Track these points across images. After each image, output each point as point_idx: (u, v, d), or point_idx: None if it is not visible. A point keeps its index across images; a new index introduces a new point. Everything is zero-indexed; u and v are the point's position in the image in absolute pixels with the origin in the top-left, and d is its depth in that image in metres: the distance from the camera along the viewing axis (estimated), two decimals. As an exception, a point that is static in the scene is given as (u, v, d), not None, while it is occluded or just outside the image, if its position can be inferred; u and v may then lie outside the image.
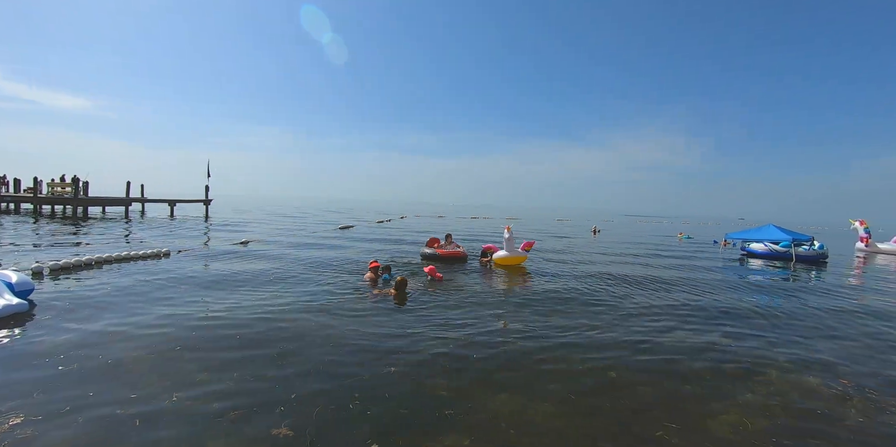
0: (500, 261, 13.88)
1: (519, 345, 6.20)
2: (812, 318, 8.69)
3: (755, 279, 14.33)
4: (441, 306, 8.32)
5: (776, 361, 5.96)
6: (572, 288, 10.92)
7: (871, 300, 11.02)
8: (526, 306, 8.87)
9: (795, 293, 11.69)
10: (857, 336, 7.48)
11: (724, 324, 7.94)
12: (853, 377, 5.44)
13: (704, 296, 10.70)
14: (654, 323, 7.86)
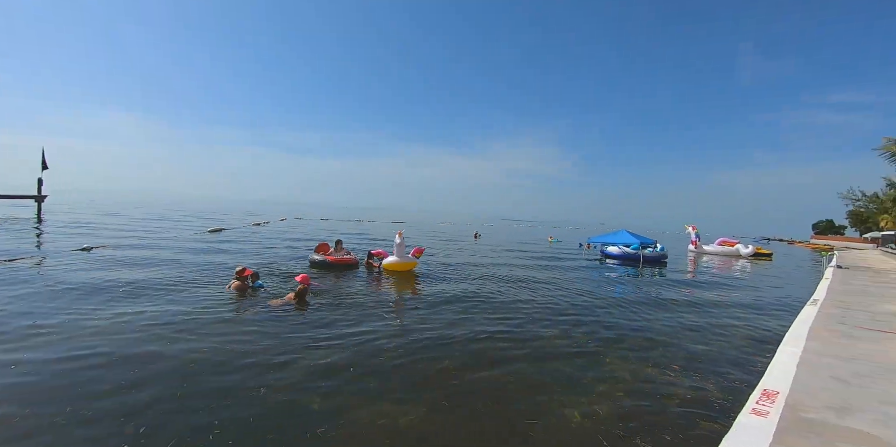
0: (389, 267, 13.65)
1: (398, 352, 6.21)
2: (653, 308, 10.15)
3: (610, 276, 16.37)
4: (318, 317, 7.94)
5: (623, 349, 6.82)
6: (456, 291, 11.25)
7: (699, 292, 13.25)
8: (410, 311, 8.88)
9: (642, 287, 13.59)
10: (689, 323, 8.88)
11: (582, 318, 8.77)
12: (685, 361, 6.45)
13: (567, 291, 11.83)
14: (520, 318, 8.44)
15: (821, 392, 3.39)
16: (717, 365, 6.32)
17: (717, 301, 11.92)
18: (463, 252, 23.01)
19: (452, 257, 19.66)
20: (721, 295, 13.13)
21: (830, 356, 4.42)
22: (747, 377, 5.59)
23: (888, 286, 11.88)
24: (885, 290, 10.88)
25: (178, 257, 14.33)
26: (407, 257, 13.88)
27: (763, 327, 8.84)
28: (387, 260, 13.79)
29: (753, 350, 7.17)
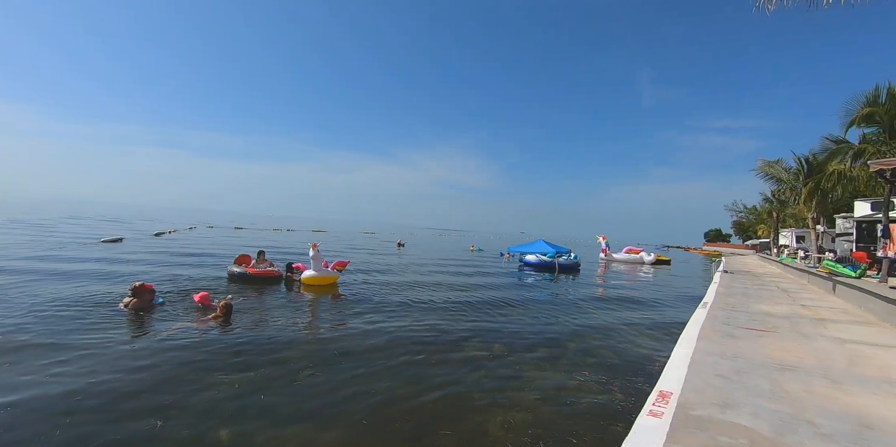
0: (308, 282, 12.92)
1: (315, 369, 5.95)
2: (567, 313, 10.69)
3: (529, 284, 17.07)
4: (234, 338, 7.44)
5: (538, 355, 7.08)
6: (377, 302, 11.04)
7: (608, 297, 14.17)
8: (329, 326, 8.55)
9: (557, 294, 14.30)
10: (599, 326, 9.46)
11: (500, 326, 9.02)
12: (594, 365, 6.82)
13: (487, 300, 12.14)
14: (440, 328, 8.47)
15: (707, 389, 3.71)
16: (623, 367, 6.74)
17: (625, 305, 12.83)
18: (386, 261, 22.78)
19: (375, 266, 19.39)
20: (628, 299, 14.13)
21: (716, 355, 4.88)
22: (648, 378, 6.01)
23: (763, 288, 13.45)
24: (761, 292, 12.29)
25: (67, 270, 12.75)
26: (326, 271, 13.29)
27: (663, 329, 9.63)
28: (305, 274, 13.15)
29: (654, 351, 7.76)
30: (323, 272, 13.16)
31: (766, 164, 26.27)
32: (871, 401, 3.74)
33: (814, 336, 6.40)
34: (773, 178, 26.51)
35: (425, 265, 21.73)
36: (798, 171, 24.40)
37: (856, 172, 17.57)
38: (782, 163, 26.11)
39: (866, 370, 4.72)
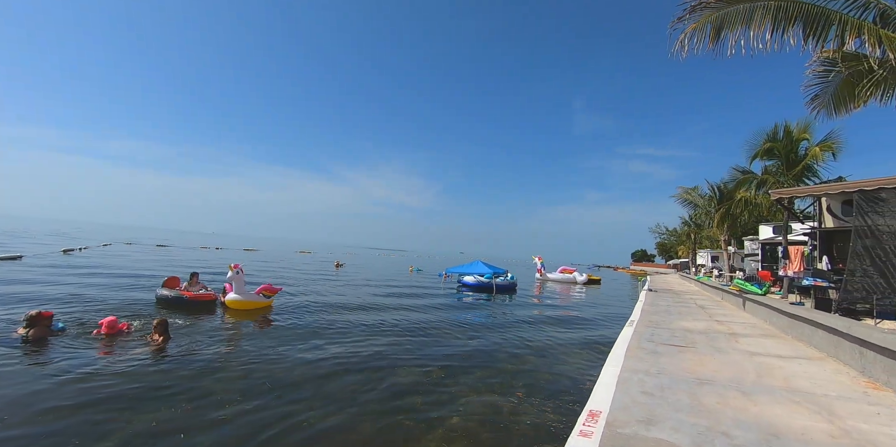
0: (232, 306, 12.12)
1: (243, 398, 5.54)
2: (503, 333, 10.78)
3: (466, 305, 17.16)
4: (147, 369, 6.77)
5: (475, 378, 7.05)
6: (313, 325, 10.58)
7: (543, 317, 14.49)
8: (257, 351, 8.05)
9: (494, 314, 14.44)
10: (534, 346, 9.60)
11: (438, 349, 8.92)
12: (527, 386, 6.89)
13: (424, 322, 11.98)
14: (376, 352, 8.24)
15: (633, 407, 3.84)
16: (556, 387, 6.85)
17: (558, 324, 13.18)
18: (323, 283, 22.02)
19: (312, 289, 18.67)
20: (561, 319, 14.55)
21: (642, 372, 5.09)
22: (580, 397, 6.14)
23: (683, 305, 14.38)
24: (681, 309, 13.12)
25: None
26: (251, 295, 12.44)
27: (594, 347, 9.96)
28: (229, 296, 12.26)
29: (586, 369, 7.98)
30: (248, 296, 12.34)
31: (684, 190, 28.79)
32: (778, 410, 4.04)
33: (727, 350, 6.88)
34: (690, 204, 29.05)
35: (364, 287, 21.26)
36: (711, 198, 26.83)
37: (759, 200, 19.54)
38: (698, 190, 28.71)
39: (772, 381, 5.11)
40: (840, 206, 11.80)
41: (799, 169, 17.38)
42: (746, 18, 6.20)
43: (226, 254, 42.50)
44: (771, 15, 6.09)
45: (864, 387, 5.02)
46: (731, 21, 6.31)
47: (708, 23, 6.43)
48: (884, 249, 8.46)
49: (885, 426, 3.78)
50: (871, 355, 5.46)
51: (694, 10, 6.46)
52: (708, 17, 6.43)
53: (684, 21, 6.57)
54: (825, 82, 8.21)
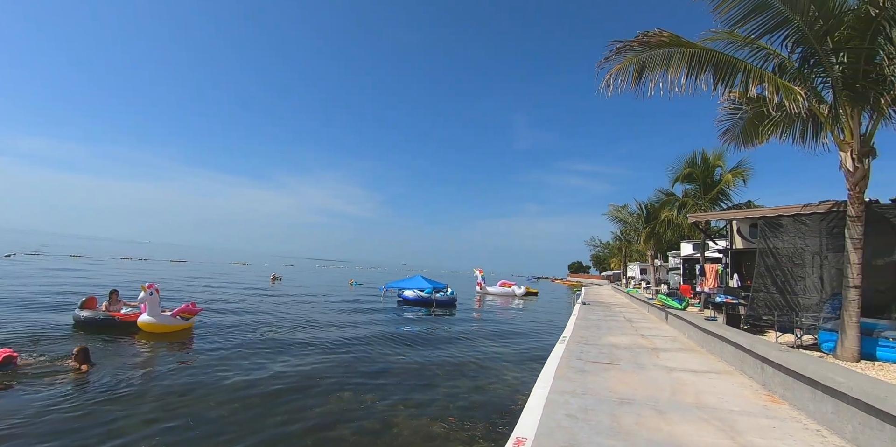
0: (146, 328, 11.09)
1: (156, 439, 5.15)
2: (440, 351, 10.81)
3: (405, 322, 17.07)
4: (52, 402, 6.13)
5: (409, 403, 7.00)
6: (242, 348, 10.08)
7: (481, 333, 14.68)
8: (178, 377, 7.58)
9: (433, 331, 14.44)
10: (470, 364, 9.69)
11: (375, 372, 8.81)
12: (461, 410, 6.93)
13: (362, 342, 11.76)
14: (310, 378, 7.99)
15: (557, 432, 3.98)
16: (489, 410, 6.94)
17: (495, 340, 13.39)
18: (257, 299, 21.06)
19: (244, 305, 17.79)
20: (499, 334, 14.80)
21: (568, 394, 5.29)
22: (511, 420, 6.26)
23: (613, 319, 15.11)
24: (611, 323, 13.79)
25: None
26: (165, 318, 11.40)
27: (528, 365, 10.19)
28: (141, 318, 11.18)
29: (518, 389, 8.14)
30: (163, 319, 11.31)
31: (615, 208, 30.70)
32: (687, 428, 4.33)
33: (648, 366, 7.30)
34: (620, 221, 30.94)
35: (300, 303, 20.57)
36: (640, 216, 28.69)
37: (681, 220, 21.09)
38: (628, 208, 30.62)
39: (685, 397, 5.48)
40: (748, 229, 12.98)
41: (714, 193, 19.05)
42: (665, 63, 6.79)
43: (151, 267, 39.60)
44: (686, 61, 6.71)
45: (764, 401, 5.50)
46: (652, 64, 6.88)
47: (631, 64, 6.97)
48: (782, 270, 9.38)
49: (778, 440, 4.15)
50: (770, 370, 6.00)
51: (619, 51, 6.97)
52: (631, 59, 6.97)
53: (610, 61, 7.08)
54: (734, 119, 9.11)
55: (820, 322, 8.03)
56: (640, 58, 6.90)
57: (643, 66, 6.92)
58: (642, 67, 6.94)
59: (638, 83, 7.02)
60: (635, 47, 6.83)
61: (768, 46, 7.20)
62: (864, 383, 4.09)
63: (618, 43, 6.88)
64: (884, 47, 6.31)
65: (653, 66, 6.86)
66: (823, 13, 6.31)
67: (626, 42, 6.81)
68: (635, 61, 6.93)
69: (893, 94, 6.35)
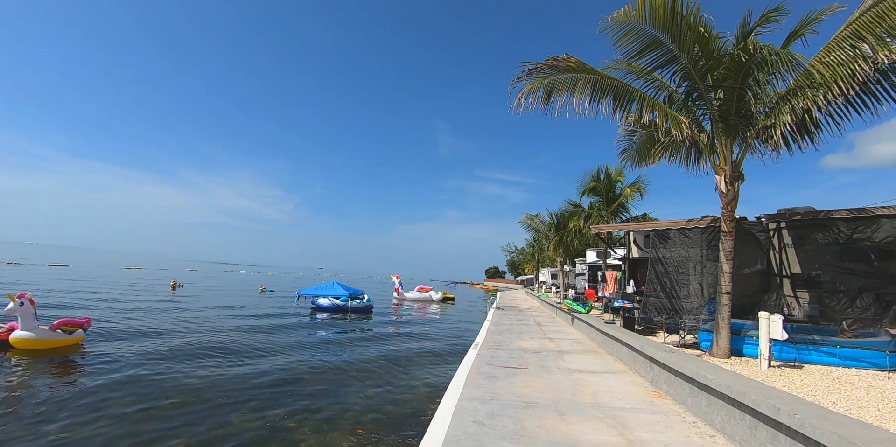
0: (21, 346, 9.71)
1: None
2: (352, 360, 10.61)
3: (319, 330, 16.53)
4: None
5: (318, 418, 6.80)
6: (133, 365, 9.13)
7: (396, 340, 14.61)
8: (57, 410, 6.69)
9: (346, 340, 14.14)
10: (382, 374, 9.60)
11: (281, 388, 8.43)
12: (371, 422, 6.85)
13: (270, 354, 11.20)
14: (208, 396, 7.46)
15: (464, 439, 4.09)
16: (399, 420, 6.93)
17: (411, 349, 13.42)
18: (154, 309, 19.22)
19: (139, 317, 16.16)
20: (415, 342, 14.84)
21: (477, 400, 5.46)
22: (421, 430, 6.32)
23: (524, 323, 15.80)
24: (522, 327, 14.41)
25: None
26: (44, 332, 10.20)
27: (442, 371, 10.34)
28: (15, 334, 9.87)
29: (432, 395, 8.23)
30: (42, 333, 10.08)
31: (528, 217, 32.39)
32: (584, 427, 4.66)
33: (553, 369, 7.73)
34: (533, 229, 32.66)
35: (204, 311, 19.10)
36: (550, 225, 30.50)
37: (586, 230, 22.73)
38: (540, 217, 32.40)
39: (584, 398, 5.88)
40: (643, 239, 14.29)
41: (615, 205, 20.85)
42: (572, 86, 7.36)
43: (23, 272, 34.58)
44: (590, 86, 7.33)
45: (651, 398, 6.06)
46: (560, 87, 7.43)
47: (541, 86, 7.46)
48: (669, 277, 10.42)
49: (661, 434, 4.61)
50: (657, 369, 6.63)
51: (531, 73, 7.43)
52: (542, 80, 7.46)
53: (523, 81, 7.52)
54: (631, 140, 10.05)
55: (700, 323, 9.04)
56: (550, 80, 7.42)
57: (552, 88, 7.45)
58: (551, 89, 7.46)
59: (547, 103, 7.54)
60: (545, 70, 7.33)
61: (661, 79, 8.07)
62: (729, 379, 4.67)
63: (529, 64, 7.33)
64: (752, 88, 7.34)
65: (561, 89, 7.41)
66: (705, 54, 7.20)
67: (538, 64, 7.28)
68: (545, 83, 7.44)
69: (758, 129, 7.38)
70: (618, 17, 7.18)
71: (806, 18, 7.37)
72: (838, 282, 8.62)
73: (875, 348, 7.12)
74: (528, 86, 7.47)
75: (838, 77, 6.27)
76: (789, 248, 9.85)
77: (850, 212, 8.51)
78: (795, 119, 7.06)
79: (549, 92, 7.46)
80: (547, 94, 7.47)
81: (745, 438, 4.17)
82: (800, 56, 7.13)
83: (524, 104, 7.47)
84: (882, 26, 5.91)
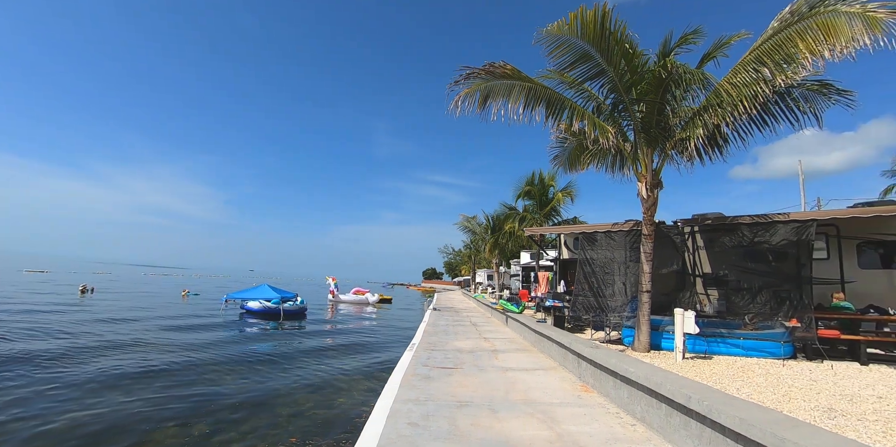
0: None
1: None
2: (284, 368, 10.21)
3: (249, 335, 15.74)
4: None
5: (247, 429, 6.48)
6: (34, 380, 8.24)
7: (331, 343, 14.25)
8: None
9: (279, 346, 13.58)
10: (315, 380, 9.32)
11: (206, 399, 7.96)
12: (302, 431, 6.64)
13: (195, 365, 10.51)
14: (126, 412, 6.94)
15: (398, 442, 4.08)
16: (333, 426, 6.78)
17: (346, 352, 13.16)
18: (59, 316, 17.38)
19: (41, 326, 14.53)
20: (350, 345, 14.57)
21: (412, 401, 5.46)
22: (354, 436, 6.22)
23: (460, 324, 16.01)
24: (458, 328, 14.59)
25: None
26: None
27: (377, 375, 10.20)
28: None
29: (367, 400, 8.11)
30: None
31: (465, 219, 32.86)
32: (515, 424, 4.80)
33: (487, 368, 7.91)
34: (470, 231, 33.20)
35: (117, 319, 17.51)
36: (487, 227, 31.17)
37: (520, 232, 23.49)
38: (476, 219, 32.98)
39: (516, 395, 6.07)
40: (573, 241, 14.99)
41: (548, 209, 21.72)
42: (507, 93, 7.61)
43: None
44: (525, 93, 7.62)
45: (579, 392, 6.37)
46: (496, 93, 7.66)
47: (478, 90, 7.65)
48: (596, 277, 10.99)
49: (586, 425, 4.85)
50: (584, 365, 6.98)
51: (468, 77, 7.59)
52: (479, 85, 7.64)
53: (460, 84, 7.66)
54: (562, 147, 10.53)
55: (623, 320, 9.62)
56: (487, 85, 7.63)
57: (489, 93, 7.66)
58: (487, 94, 7.67)
59: (483, 108, 7.75)
60: (482, 75, 7.51)
61: (590, 90, 8.54)
62: (648, 371, 5.02)
63: (467, 69, 7.49)
64: (670, 103, 7.95)
65: (497, 95, 7.64)
66: (630, 69, 7.71)
67: (475, 69, 7.45)
68: (482, 88, 7.63)
69: (675, 141, 8.01)
70: (552, 30, 7.51)
71: (718, 42, 8.12)
72: (742, 281, 9.50)
73: (772, 339, 7.96)
74: (466, 89, 7.62)
75: (743, 97, 6.96)
76: (701, 250, 10.74)
77: (752, 218, 9.43)
78: (707, 133, 7.75)
79: (486, 97, 7.67)
80: (483, 99, 7.67)
81: (661, 425, 4.50)
82: (711, 76, 7.83)
83: (461, 107, 7.62)
84: (780, 54, 6.63)
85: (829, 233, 9.72)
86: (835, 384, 5.89)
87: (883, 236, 9.48)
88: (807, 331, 7.75)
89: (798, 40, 6.31)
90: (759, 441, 3.06)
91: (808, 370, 6.87)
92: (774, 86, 6.91)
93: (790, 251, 8.76)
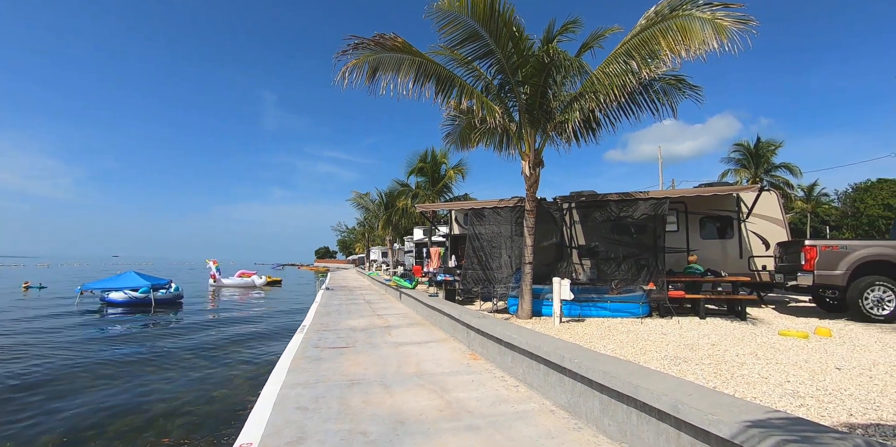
0: None
1: None
2: (161, 363, 9.26)
3: (112, 331, 13.89)
4: None
5: (106, 440, 5.81)
6: None
7: (212, 332, 13.19)
8: None
9: (149, 339, 12.21)
10: (197, 373, 8.60)
11: (63, 405, 6.98)
12: (184, 429, 6.13)
13: (45, 367, 9.08)
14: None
15: (286, 428, 3.94)
16: (216, 422, 6.35)
17: (229, 340, 12.30)
18: None
19: None
20: (234, 333, 13.63)
21: (301, 385, 5.30)
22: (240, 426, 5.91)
23: (353, 303, 15.85)
24: (351, 307, 14.44)
25: None
26: None
27: (265, 361, 9.73)
28: None
29: (251, 393, 7.69)
30: None
31: (358, 195, 32.14)
32: (407, 397, 4.91)
33: (380, 345, 7.95)
34: (363, 208, 32.59)
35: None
36: (380, 204, 30.84)
37: (413, 209, 23.69)
38: (369, 195, 32.46)
39: (408, 368, 6.20)
40: (463, 217, 15.48)
41: (440, 186, 22.11)
42: (397, 67, 7.44)
43: None
44: (415, 68, 7.52)
45: (468, 360, 6.69)
46: (385, 66, 7.44)
47: (367, 62, 7.36)
48: (485, 251, 11.51)
49: (474, 391, 5.13)
50: (473, 334, 7.34)
51: (357, 47, 7.25)
52: (367, 56, 7.35)
53: (348, 55, 7.31)
54: (454, 125, 10.67)
55: (509, 291, 10.25)
56: (376, 58, 7.36)
57: (378, 65, 7.42)
58: (377, 67, 7.43)
59: (372, 81, 7.51)
60: (371, 46, 7.23)
61: (479, 69, 8.69)
62: (528, 336, 5.43)
63: (356, 39, 7.14)
64: (552, 87, 8.41)
65: (386, 68, 7.43)
66: (517, 52, 7.97)
67: (364, 39, 7.14)
68: (371, 60, 7.36)
69: (555, 123, 8.54)
70: (443, 5, 7.43)
71: (595, 33, 8.72)
72: (610, 251, 10.64)
73: (633, 301, 9.09)
74: (354, 60, 7.28)
75: (614, 86, 7.60)
76: (577, 224, 11.78)
77: (619, 195, 10.52)
78: (583, 117, 8.38)
79: (375, 69, 7.41)
80: (372, 71, 7.41)
81: (540, 385, 4.93)
82: (587, 64, 8.43)
83: (348, 79, 7.28)
84: (646, 49, 7.31)
85: (679, 209, 11.33)
86: (680, 336, 6.93)
87: (719, 212, 11.37)
88: (660, 292, 8.98)
89: (661, 38, 7.01)
90: (619, 390, 3.49)
91: (660, 326, 7.98)
92: (640, 78, 7.65)
93: (649, 224, 9.97)
